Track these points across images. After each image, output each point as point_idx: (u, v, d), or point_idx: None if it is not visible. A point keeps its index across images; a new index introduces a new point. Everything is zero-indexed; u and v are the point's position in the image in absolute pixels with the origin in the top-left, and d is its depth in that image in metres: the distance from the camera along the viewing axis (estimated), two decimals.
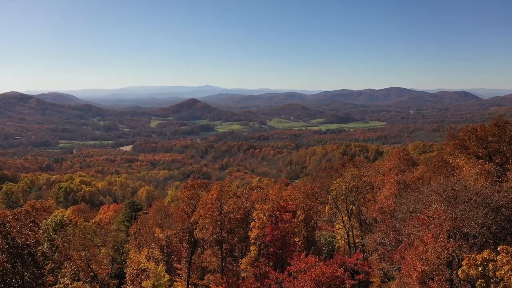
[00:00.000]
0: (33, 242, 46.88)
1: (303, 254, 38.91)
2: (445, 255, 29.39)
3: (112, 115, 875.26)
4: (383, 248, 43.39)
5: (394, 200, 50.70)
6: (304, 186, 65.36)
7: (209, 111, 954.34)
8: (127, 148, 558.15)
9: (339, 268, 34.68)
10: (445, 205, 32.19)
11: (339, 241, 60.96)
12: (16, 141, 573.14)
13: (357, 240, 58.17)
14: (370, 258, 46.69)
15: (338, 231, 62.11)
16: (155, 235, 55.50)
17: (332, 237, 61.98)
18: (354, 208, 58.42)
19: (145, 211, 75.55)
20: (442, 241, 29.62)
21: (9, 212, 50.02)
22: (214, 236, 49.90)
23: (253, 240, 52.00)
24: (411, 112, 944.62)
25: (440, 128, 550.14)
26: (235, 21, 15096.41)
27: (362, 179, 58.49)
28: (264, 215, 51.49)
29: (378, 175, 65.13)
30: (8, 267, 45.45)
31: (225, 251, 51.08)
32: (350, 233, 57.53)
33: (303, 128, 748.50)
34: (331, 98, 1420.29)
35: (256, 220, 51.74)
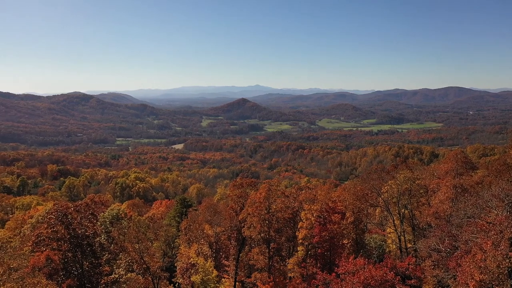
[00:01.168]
0: (91, 233, 49.67)
1: (352, 256, 38.11)
2: (507, 264, 27.59)
3: (166, 114, 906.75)
4: (437, 254, 41.45)
5: (450, 204, 48.29)
6: (354, 187, 63.86)
7: (259, 110, 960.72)
8: (179, 146, 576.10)
9: (390, 271, 33.57)
10: (507, 211, 30.21)
11: (390, 245, 59.01)
12: (78, 138, 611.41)
13: (409, 245, 56.00)
14: (423, 264, 44.75)
15: (389, 235, 60.15)
16: (205, 231, 56.77)
17: (382, 241, 60.12)
18: (406, 211, 56.29)
19: (195, 208, 77.55)
20: (503, 249, 27.82)
21: (71, 204, 53.45)
22: (262, 235, 50.14)
23: (300, 241, 51.64)
24: (471, 113, 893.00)
25: (502, 130, 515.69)
26: (285, 22, 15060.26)
27: (416, 182, 56.20)
28: (312, 215, 50.99)
29: (433, 178, 62.31)
30: (69, 255, 48.55)
31: (272, 250, 51.17)
32: (402, 237, 55.49)
33: (354, 129, 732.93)
34: (384, 98, 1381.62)
35: (304, 221, 51.36)
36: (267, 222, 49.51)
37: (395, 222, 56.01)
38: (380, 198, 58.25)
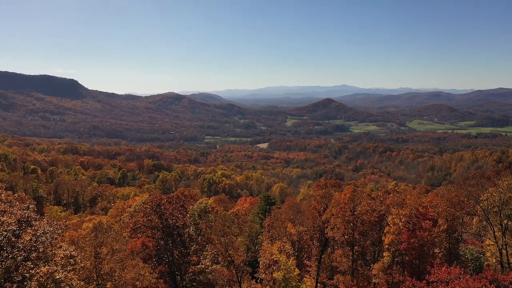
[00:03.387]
0: (181, 224, 53.00)
1: (445, 266, 35.47)
2: None
3: (251, 114, 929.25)
4: None
5: None
6: (448, 193, 59.35)
7: (344, 111, 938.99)
8: (264, 145, 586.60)
9: (490, 284, 30.50)
10: None
11: (489, 258, 53.72)
12: (171, 136, 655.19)
13: None
14: None
15: (488, 247, 54.80)
16: (287, 229, 57.13)
17: (480, 253, 55.01)
18: (510, 223, 50.81)
19: (278, 206, 78.33)
20: None
21: (164, 196, 57.55)
22: (346, 237, 49.01)
23: (386, 246, 49.38)
24: None
25: None
26: (373, 18, 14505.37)
27: None
28: (401, 220, 48.48)
29: None
30: (162, 243, 52.35)
31: (356, 253, 49.75)
32: (504, 251, 50.18)
33: (449, 131, 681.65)
34: (485, 98, 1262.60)
35: (391, 225, 49.06)
36: (351, 224, 48.26)
37: (495, 233, 50.89)
38: (479, 206, 53.31)
